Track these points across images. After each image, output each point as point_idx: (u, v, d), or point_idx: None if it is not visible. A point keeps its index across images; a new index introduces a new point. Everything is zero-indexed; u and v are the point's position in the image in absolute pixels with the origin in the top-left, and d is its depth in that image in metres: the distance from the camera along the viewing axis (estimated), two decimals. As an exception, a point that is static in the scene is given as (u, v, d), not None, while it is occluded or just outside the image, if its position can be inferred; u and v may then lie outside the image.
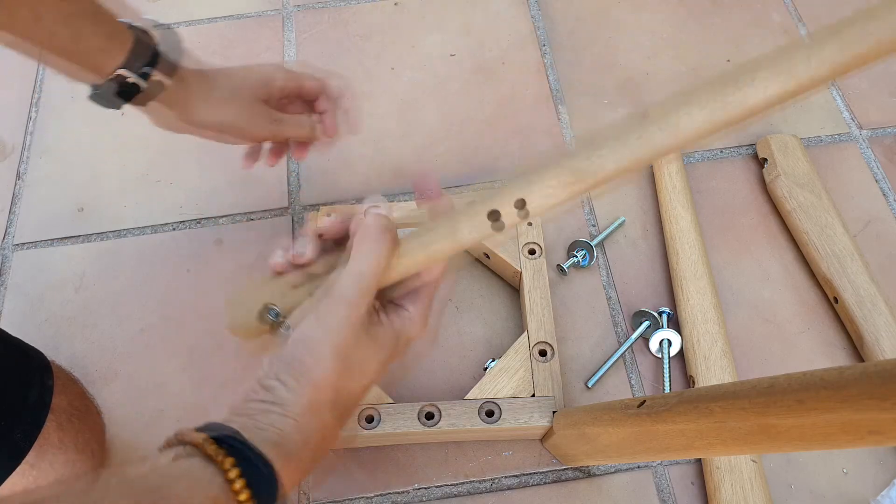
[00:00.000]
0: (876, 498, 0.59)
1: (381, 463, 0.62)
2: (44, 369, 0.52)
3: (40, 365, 0.52)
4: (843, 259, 0.68)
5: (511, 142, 0.81)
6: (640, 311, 0.68)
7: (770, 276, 0.72)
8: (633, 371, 0.67)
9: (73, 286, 0.72)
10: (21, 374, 0.49)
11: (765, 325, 0.69)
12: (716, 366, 0.63)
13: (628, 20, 0.90)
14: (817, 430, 0.27)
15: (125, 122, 0.82)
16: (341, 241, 0.44)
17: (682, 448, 0.40)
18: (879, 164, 0.79)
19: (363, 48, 0.88)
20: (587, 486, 0.61)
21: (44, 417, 0.49)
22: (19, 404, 0.48)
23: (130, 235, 0.75)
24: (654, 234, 0.74)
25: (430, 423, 0.57)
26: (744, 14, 0.91)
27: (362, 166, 0.79)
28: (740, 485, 0.58)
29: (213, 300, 0.71)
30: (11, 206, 0.77)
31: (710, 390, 0.35)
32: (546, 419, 0.57)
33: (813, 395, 0.26)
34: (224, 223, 0.76)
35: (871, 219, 0.75)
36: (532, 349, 0.60)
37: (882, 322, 0.64)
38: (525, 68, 0.86)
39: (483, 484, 0.61)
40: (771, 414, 0.29)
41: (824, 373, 0.26)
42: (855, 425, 0.25)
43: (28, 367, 0.50)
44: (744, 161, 0.79)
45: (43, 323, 0.70)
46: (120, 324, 0.70)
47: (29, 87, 0.86)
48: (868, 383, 0.24)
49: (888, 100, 0.83)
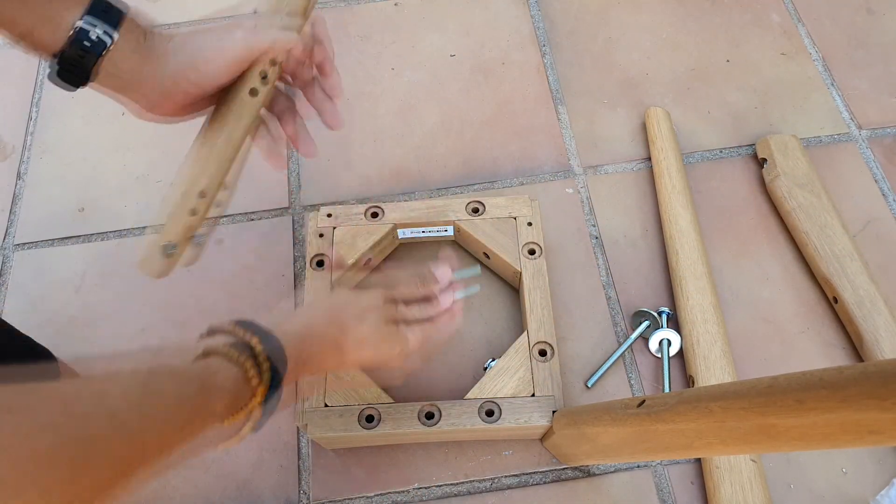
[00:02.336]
0: (875, 498, 0.59)
1: (381, 463, 0.62)
2: (49, 365, 0.52)
3: (46, 361, 0.52)
4: (843, 259, 0.68)
5: (511, 142, 0.81)
6: (639, 310, 0.68)
7: (770, 276, 0.72)
8: (633, 371, 0.67)
9: (74, 286, 0.72)
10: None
11: (764, 325, 0.69)
12: (715, 366, 0.63)
13: (628, 20, 0.90)
14: (817, 429, 0.27)
15: (126, 122, 0.82)
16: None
17: (681, 448, 0.41)
18: (879, 164, 0.79)
19: (363, 48, 0.89)
20: (587, 486, 0.61)
21: None
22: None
23: (131, 235, 0.75)
24: (654, 234, 0.74)
25: (430, 422, 0.57)
26: (743, 14, 0.91)
27: (362, 166, 0.79)
28: (740, 484, 0.58)
29: (213, 300, 0.71)
30: (12, 206, 0.78)
31: (709, 390, 0.35)
32: (546, 419, 0.57)
33: (813, 395, 0.26)
34: (224, 223, 0.76)
35: (870, 219, 0.75)
36: (532, 349, 0.60)
37: (881, 322, 0.64)
38: (525, 68, 0.86)
39: (483, 483, 0.62)
40: (771, 414, 0.29)
41: (824, 373, 0.27)
42: (855, 425, 0.25)
43: (35, 363, 0.51)
44: (743, 161, 0.79)
45: (43, 323, 0.70)
46: (120, 324, 0.70)
47: (29, 87, 0.86)
48: (868, 383, 0.24)
49: (888, 100, 0.84)
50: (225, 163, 0.47)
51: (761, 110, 0.83)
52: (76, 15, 0.40)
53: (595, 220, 0.75)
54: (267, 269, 0.73)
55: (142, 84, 0.45)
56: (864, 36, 0.89)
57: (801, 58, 0.87)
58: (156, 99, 0.46)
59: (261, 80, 0.47)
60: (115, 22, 0.42)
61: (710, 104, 0.84)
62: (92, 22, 0.41)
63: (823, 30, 0.89)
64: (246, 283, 0.72)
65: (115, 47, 0.42)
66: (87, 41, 0.41)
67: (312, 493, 0.61)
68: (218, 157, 0.47)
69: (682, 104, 0.83)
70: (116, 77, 0.43)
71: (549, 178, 0.78)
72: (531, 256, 0.65)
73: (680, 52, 0.88)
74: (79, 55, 0.41)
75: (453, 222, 0.67)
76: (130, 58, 0.43)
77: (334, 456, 0.63)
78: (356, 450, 0.63)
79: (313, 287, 0.63)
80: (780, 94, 0.84)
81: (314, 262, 0.65)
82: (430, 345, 0.52)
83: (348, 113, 0.83)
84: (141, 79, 0.44)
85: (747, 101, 0.84)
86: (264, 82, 0.47)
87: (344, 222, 0.67)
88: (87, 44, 0.41)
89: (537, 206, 0.68)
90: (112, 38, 0.42)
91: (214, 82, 0.46)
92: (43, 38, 0.41)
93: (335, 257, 0.64)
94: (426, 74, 0.86)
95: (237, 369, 0.37)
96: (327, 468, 0.62)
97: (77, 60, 0.41)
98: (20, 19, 0.39)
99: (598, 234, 0.74)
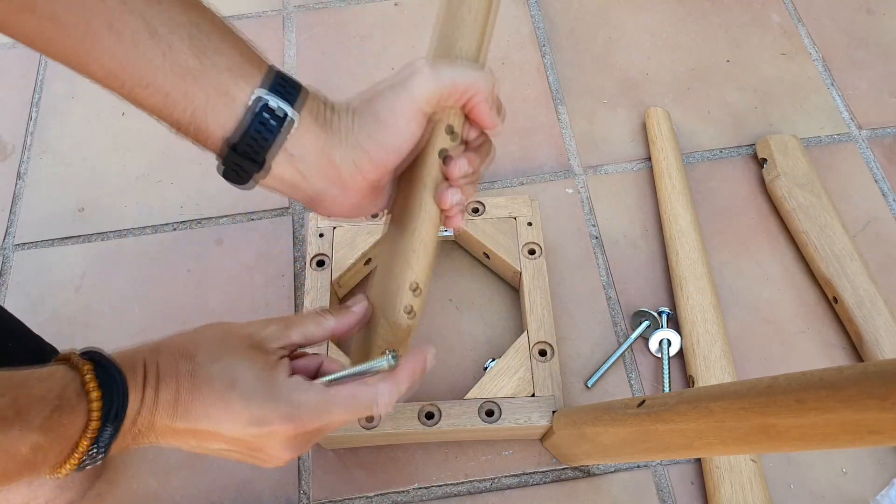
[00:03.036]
0: (875, 498, 0.59)
1: (381, 463, 0.62)
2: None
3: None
4: (843, 259, 0.68)
5: (511, 142, 0.81)
6: (639, 310, 0.68)
7: (770, 276, 0.72)
8: (633, 371, 0.67)
9: (74, 286, 0.72)
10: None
11: (764, 325, 0.69)
12: (715, 366, 0.63)
13: (628, 20, 0.90)
14: (817, 429, 0.27)
15: (125, 122, 0.82)
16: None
17: (681, 448, 0.41)
18: (879, 164, 0.79)
19: (363, 48, 0.89)
20: (587, 486, 0.61)
21: None
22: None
23: (131, 235, 0.76)
24: (654, 234, 0.74)
25: (430, 422, 0.57)
26: (743, 14, 0.91)
27: (362, 166, 0.79)
28: (740, 485, 0.58)
29: (214, 300, 0.71)
30: (12, 206, 0.78)
31: (709, 390, 0.35)
32: (546, 419, 0.57)
33: (813, 395, 0.26)
34: (224, 223, 0.76)
35: (870, 219, 0.75)
36: (532, 349, 0.60)
37: (881, 322, 0.64)
38: (525, 68, 0.86)
39: (483, 483, 0.62)
40: (771, 414, 0.29)
41: (824, 373, 0.27)
42: (855, 425, 0.25)
43: (43, 361, 0.50)
44: (743, 161, 0.79)
45: (44, 323, 0.70)
46: (120, 324, 0.70)
47: (30, 87, 0.86)
48: (868, 383, 0.24)
49: (888, 100, 0.84)
50: (431, 249, 0.39)
51: (761, 110, 0.83)
52: (252, 87, 0.35)
53: (595, 220, 0.75)
54: (267, 269, 0.73)
55: (323, 169, 0.37)
56: (864, 36, 0.89)
57: (801, 58, 0.87)
58: (338, 191, 0.38)
59: (449, 137, 0.38)
60: (295, 95, 0.35)
61: (710, 104, 0.84)
62: (268, 96, 0.35)
63: (823, 30, 0.89)
64: (246, 283, 0.72)
65: (298, 125, 0.35)
66: (265, 114, 0.35)
67: (312, 493, 0.61)
68: (422, 244, 0.39)
69: (682, 104, 0.83)
70: (294, 161, 0.36)
71: (548, 178, 0.78)
72: (531, 256, 0.65)
73: (680, 52, 0.88)
74: (255, 135, 0.35)
75: (453, 222, 0.67)
76: (310, 138, 0.36)
77: (334, 456, 0.63)
78: (356, 450, 0.63)
79: (314, 287, 0.63)
80: (780, 94, 0.84)
81: (314, 261, 0.65)
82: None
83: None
84: (323, 163, 0.37)
85: (747, 101, 0.84)
86: (453, 137, 0.38)
87: (344, 222, 0.67)
88: (266, 117, 0.34)
89: (537, 206, 0.68)
90: (295, 115, 0.35)
91: (397, 152, 0.37)
92: (212, 121, 0.35)
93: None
94: (426, 74, 0.86)
95: (73, 374, 0.31)
96: (327, 468, 0.62)
97: (254, 142, 0.35)
98: (188, 96, 0.34)
99: (598, 234, 0.74)
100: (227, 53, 0.34)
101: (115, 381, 0.32)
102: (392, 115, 0.36)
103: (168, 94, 0.33)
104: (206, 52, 0.33)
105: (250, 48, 0.36)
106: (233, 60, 0.34)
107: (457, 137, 0.38)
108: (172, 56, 0.33)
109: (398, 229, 0.40)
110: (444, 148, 0.38)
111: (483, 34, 0.39)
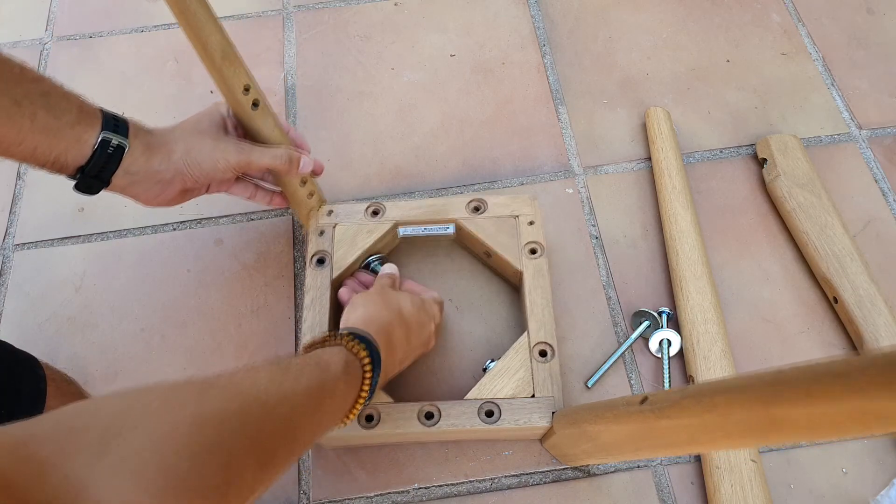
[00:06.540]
0: (875, 498, 0.59)
1: (381, 463, 0.62)
2: (35, 373, 0.51)
3: (31, 369, 0.50)
4: (843, 259, 0.68)
5: (511, 142, 0.81)
6: (639, 310, 0.68)
7: (770, 276, 0.72)
8: (633, 371, 0.67)
9: (74, 286, 0.72)
10: (11, 379, 0.48)
11: (764, 325, 0.69)
12: (715, 366, 0.63)
13: (628, 20, 0.90)
14: (825, 419, 0.27)
15: (125, 122, 0.82)
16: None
17: (685, 443, 0.40)
18: (879, 164, 0.79)
19: (363, 48, 0.89)
20: (587, 486, 0.61)
21: None
22: (11, 408, 0.47)
23: (131, 235, 0.75)
24: (654, 234, 0.74)
25: (430, 422, 0.57)
26: (743, 14, 0.91)
27: (362, 166, 0.79)
28: (740, 484, 0.58)
29: (214, 300, 0.71)
30: (12, 206, 0.77)
31: (713, 384, 0.35)
32: (546, 419, 0.56)
33: (820, 385, 0.27)
34: (224, 223, 0.76)
35: (870, 219, 0.75)
36: (532, 349, 0.60)
37: (882, 322, 0.64)
38: (525, 68, 0.86)
39: (483, 483, 0.61)
40: (777, 404, 0.29)
41: (831, 362, 0.27)
42: (862, 413, 0.25)
43: (18, 371, 0.49)
44: (743, 161, 0.79)
45: (43, 323, 0.70)
46: (120, 324, 0.70)
47: (29, 86, 0.86)
48: (875, 371, 0.24)
49: (888, 100, 0.84)
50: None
51: (761, 110, 0.83)
52: (97, 132, 0.49)
53: (595, 220, 0.75)
54: (267, 269, 0.73)
55: (149, 177, 0.53)
56: (864, 36, 0.89)
57: (801, 58, 0.87)
58: (159, 189, 0.54)
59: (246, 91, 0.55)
60: (125, 130, 0.50)
61: (710, 104, 0.84)
62: (108, 135, 0.49)
63: (823, 30, 0.89)
64: (246, 283, 0.72)
65: (129, 150, 0.50)
66: (109, 148, 0.49)
67: (312, 493, 0.61)
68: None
69: (682, 104, 0.84)
70: (130, 175, 0.51)
71: (549, 178, 0.78)
72: (532, 256, 0.65)
73: (680, 52, 0.88)
74: (102, 163, 0.49)
75: (455, 220, 0.67)
76: (139, 158, 0.51)
77: (334, 456, 0.63)
78: (356, 450, 0.63)
79: (314, 286, 0.63)
80: (780, 94, 0.84)
81: (314, 259, 0.65)
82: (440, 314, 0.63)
83: (348, 113, 0.83)
84: (149, 173, 0.52)
85: (747, 101, 0.84)
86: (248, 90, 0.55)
87: (344, 220, 0.67)
88: (110, 150, 0.49)
89: (538, 206, 0.67)
90: (126, 143, 0.50)
91: (210, 180, 0.56)
92: (71, 159, 0.48)
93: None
94: (426, 74, 0.86)
95: (346, 352, 0.45)
96: (327, 468, 0.62)
97: (101, 168, 0.49)
98: (52, 146, 0.47)
99: (598, 234, 0.74)
100: (73, 110, 0.48)
101: (373, 351, 0.48)
102: (211, 164, 0.54)
103: (37, 147, 0.46)
104: (59, 113, 0.46)
105: (83, 100, 0.49)
106: (79, 114, 0.48)
107: (249, 89, 0.55)
108: (38, 121, 0.45)
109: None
110: (247, 84, 0.55)
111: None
